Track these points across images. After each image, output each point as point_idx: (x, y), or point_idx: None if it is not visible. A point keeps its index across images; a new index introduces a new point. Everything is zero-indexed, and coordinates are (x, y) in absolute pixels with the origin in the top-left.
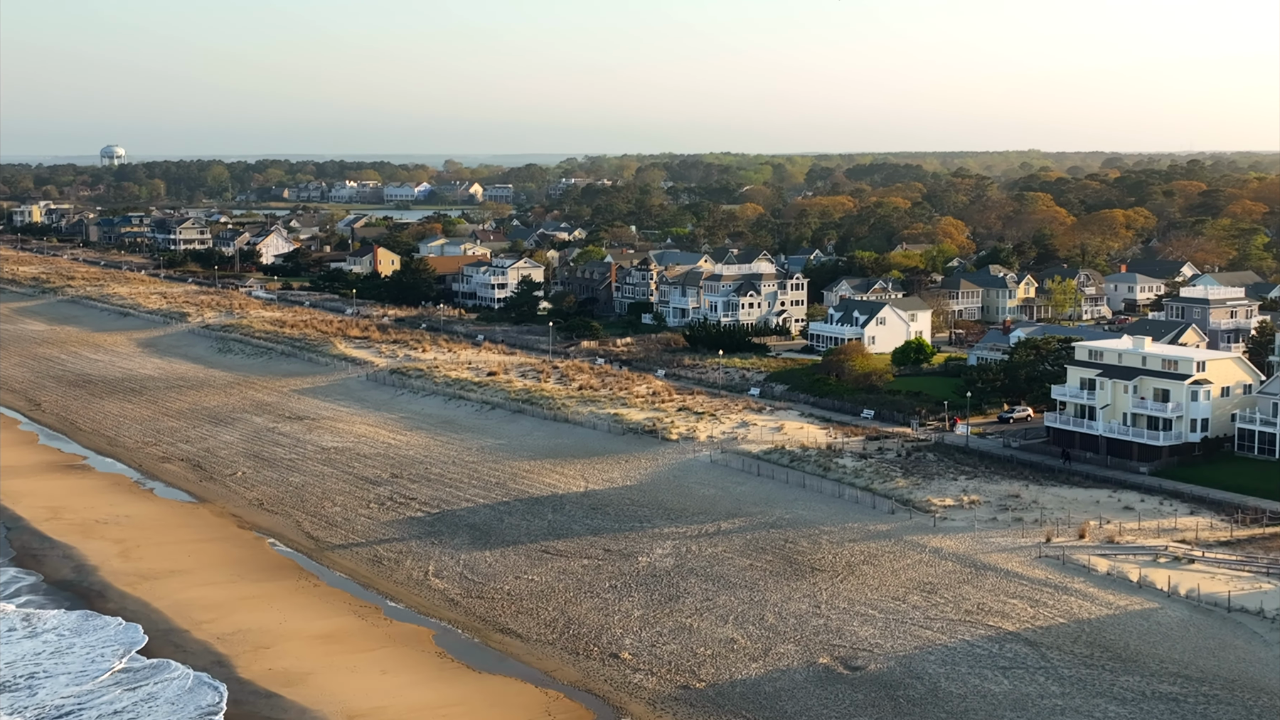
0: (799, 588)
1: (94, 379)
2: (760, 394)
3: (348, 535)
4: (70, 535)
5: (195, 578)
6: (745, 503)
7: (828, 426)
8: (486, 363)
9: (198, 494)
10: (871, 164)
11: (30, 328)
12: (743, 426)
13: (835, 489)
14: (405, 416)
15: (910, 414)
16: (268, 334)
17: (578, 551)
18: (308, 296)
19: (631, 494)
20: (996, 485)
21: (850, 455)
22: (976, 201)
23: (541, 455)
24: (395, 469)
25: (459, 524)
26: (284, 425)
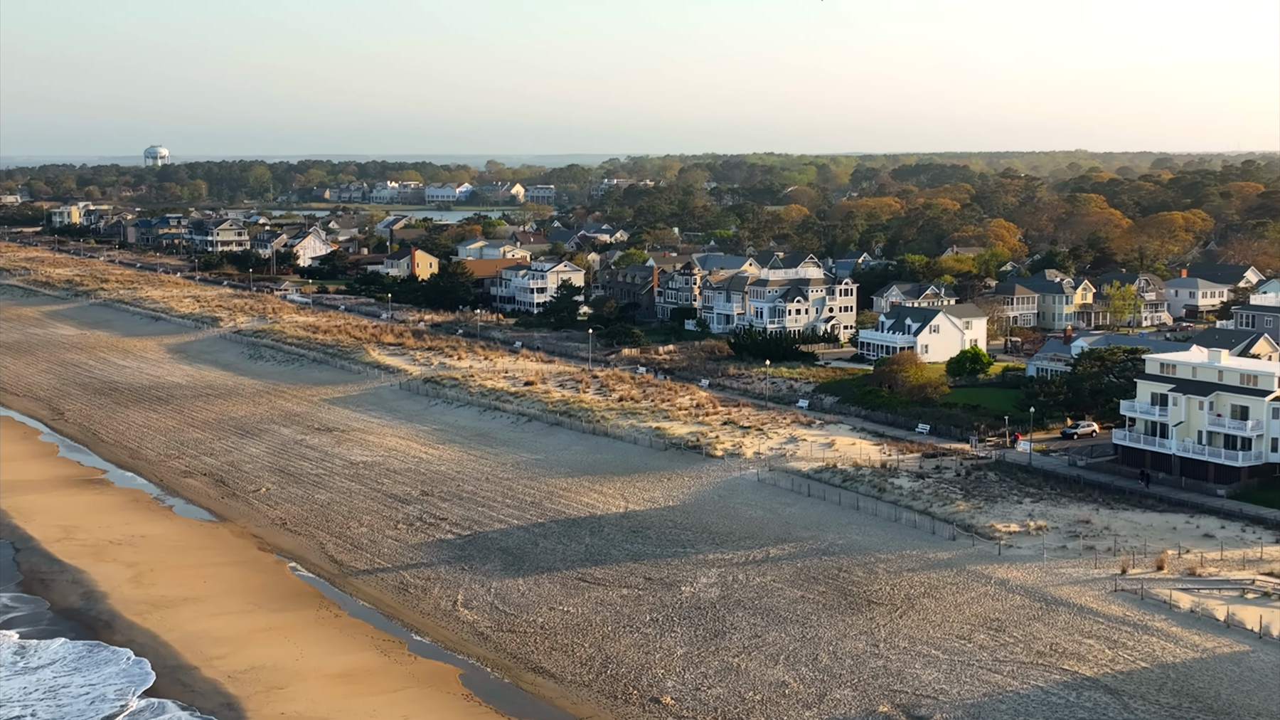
0: (855, 623)
1: (120, 387)
2: (809, 406)
3: (373, 559)
4: (82, 558)
5: (210, 606)
6: (795, 526)
7: (881, 442)
8: (524, 371)
9: (219, 512)
10: (917, 164)
11: (60, 332)
12: (791, 442)
13: (891, 512)
14: (438, 429)
15: (968, 429)
16: (300, 340)
17: (616, 580)
18: (343, 300)
19: (674, 516)
20: (1064, 509)
21: (906, 475)
22: (1027, 203)
23: (579, 472)
24: (426, 486)
25: (491, 548)
26: (312, 437)
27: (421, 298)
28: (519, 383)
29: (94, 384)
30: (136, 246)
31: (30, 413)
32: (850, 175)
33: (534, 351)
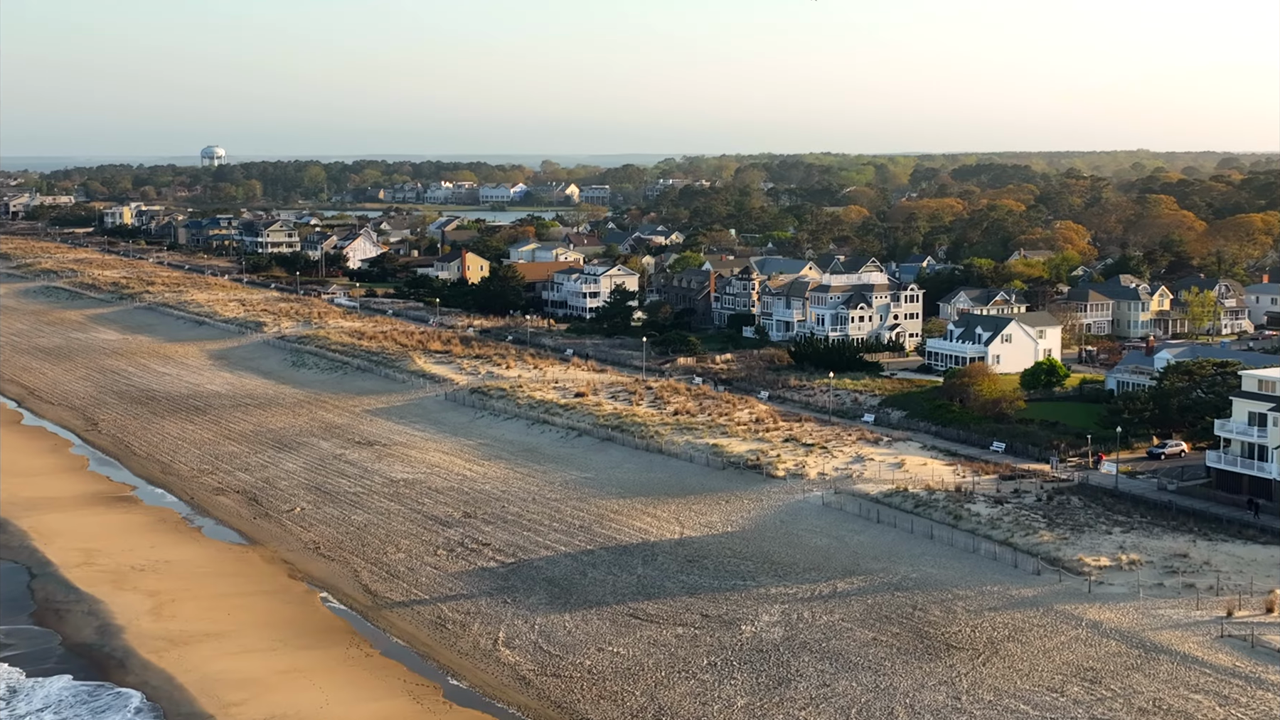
0: (933, 671)
1: (158, 395)
2: (875, 421)
3: (410, 590)
4: (100, 585)
5: (233, 642)
6: (864, 557)
7: (954, 462)
8: (575, 382)
9: (249, 534)
10: (977, 165)
11: (102, 336)
12: (858, 461)
13: (969, 542)
14: (484, 443)
15: (1047, 448)
16: (345, 346)
17: (671, 616)
18: (391, 304)
19: (733, 543)
20: (1158, 540)
21: (983, 499)
22: (1093, 204)
23: (632, 492)
24: (469, 506)
25: (536, 577)
26: (352, 452)
27: (471, 302)
28: (569, 394)
29: (131, 392)
30: (186, 248)
31: (63, 423)
32: (909, 175)
33: (585, 360)
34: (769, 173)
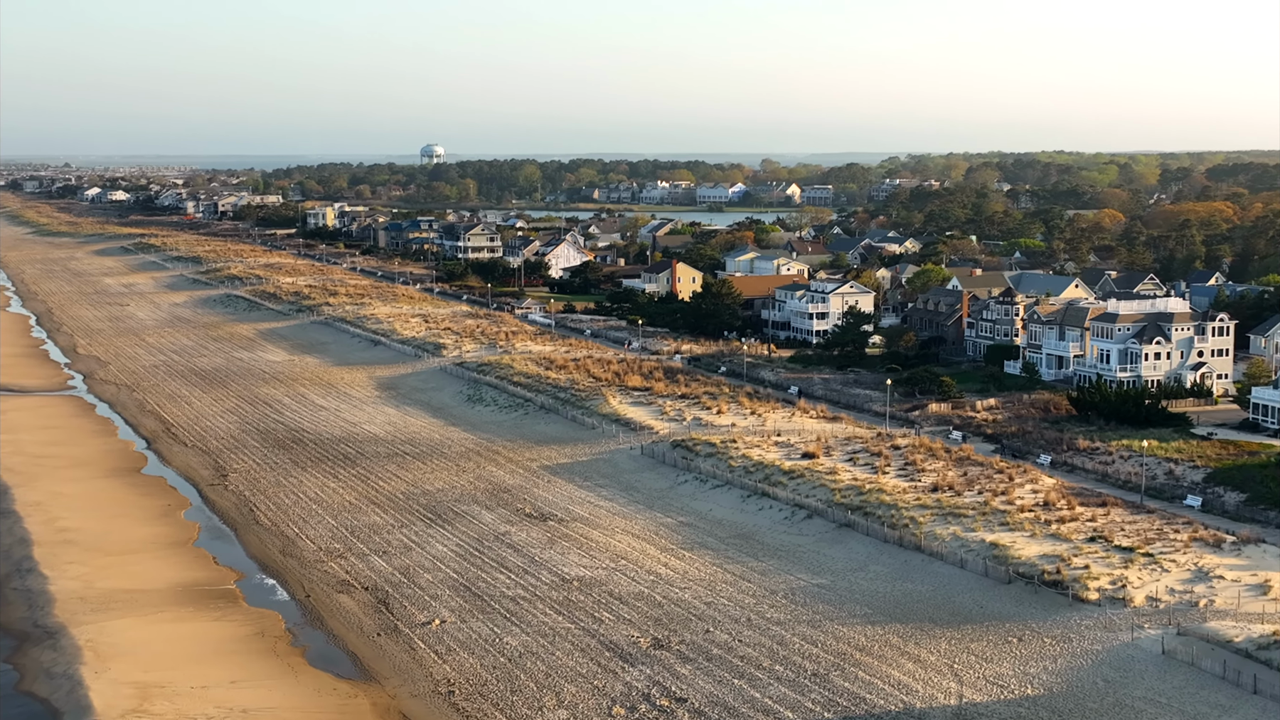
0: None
1: (306, 437)
2: (1203, 506)
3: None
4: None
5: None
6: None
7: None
8: (801, 433)
9: (367, 663)
10: (1232, 165)
11: (267, 357)
12: (1201, 579)
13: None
14: (685, 523)
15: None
16: (530, 379)
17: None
18: (590, 323)
19: (1038, 718)
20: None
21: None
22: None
23: (883, 614)
24: (661, 629)
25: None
26: (519, 529)
27: (680, 321)
28: (796, 453)
29: (278, 432)
30: (384, 251)
31: (189, 473)
32: (1157, 176)
33: (814, 403)
34: (1003, 172)
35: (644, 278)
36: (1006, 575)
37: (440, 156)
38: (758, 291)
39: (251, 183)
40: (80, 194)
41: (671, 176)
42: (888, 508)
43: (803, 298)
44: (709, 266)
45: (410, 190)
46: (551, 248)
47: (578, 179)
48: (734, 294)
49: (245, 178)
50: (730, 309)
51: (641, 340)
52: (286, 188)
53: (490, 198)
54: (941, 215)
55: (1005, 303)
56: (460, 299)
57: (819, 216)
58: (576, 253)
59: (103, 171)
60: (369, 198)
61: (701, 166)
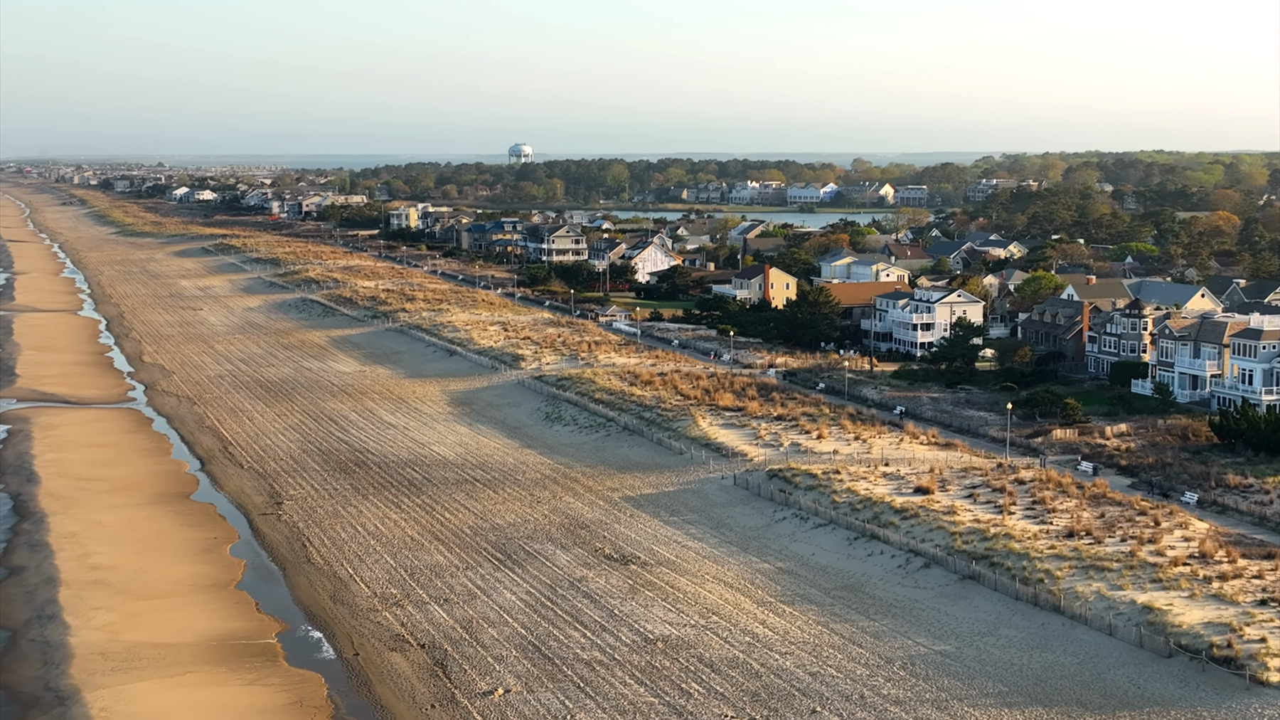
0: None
1: (370, 459)
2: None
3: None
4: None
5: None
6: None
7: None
8: (912, 463)
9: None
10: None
11: (337, 368)
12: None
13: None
14: (785, 569)
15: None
16: (613, 395)
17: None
18: (678, 332)
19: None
20: None
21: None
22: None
23: (1021, 694)
24: (760, 705)
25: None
26: (597, 575)
27: (774, 331)
28: (906, 486)
29: (340, 453)
30: (467, 253)
31: (241, 500)
32: (1266, 176)
33: (923, 426)
34: (1103, 172)
35: (735, 283)
36: (1166, 648)
37: (528, 156)
38: (856, 299)
39: (339, 182)
40: (169, 193)
41: (761, 176)
42: (1018, 557)
43: (906, 307)
44: (803, 271)
45: (497, 190)
46: (638, 251)
47: (666, 179)
48: (832, 303)
49: (333, 177)
50: (828, 319)
51: (732, 352)
52: (373, 188)
53: (577, 198)
54: (1046, 217)
55: (1132, 315)
56: (542, 305)
57: (916, 218)
58: (664, 256)
59: (194, 171)
60: (455, 198)
61: (792, 166)
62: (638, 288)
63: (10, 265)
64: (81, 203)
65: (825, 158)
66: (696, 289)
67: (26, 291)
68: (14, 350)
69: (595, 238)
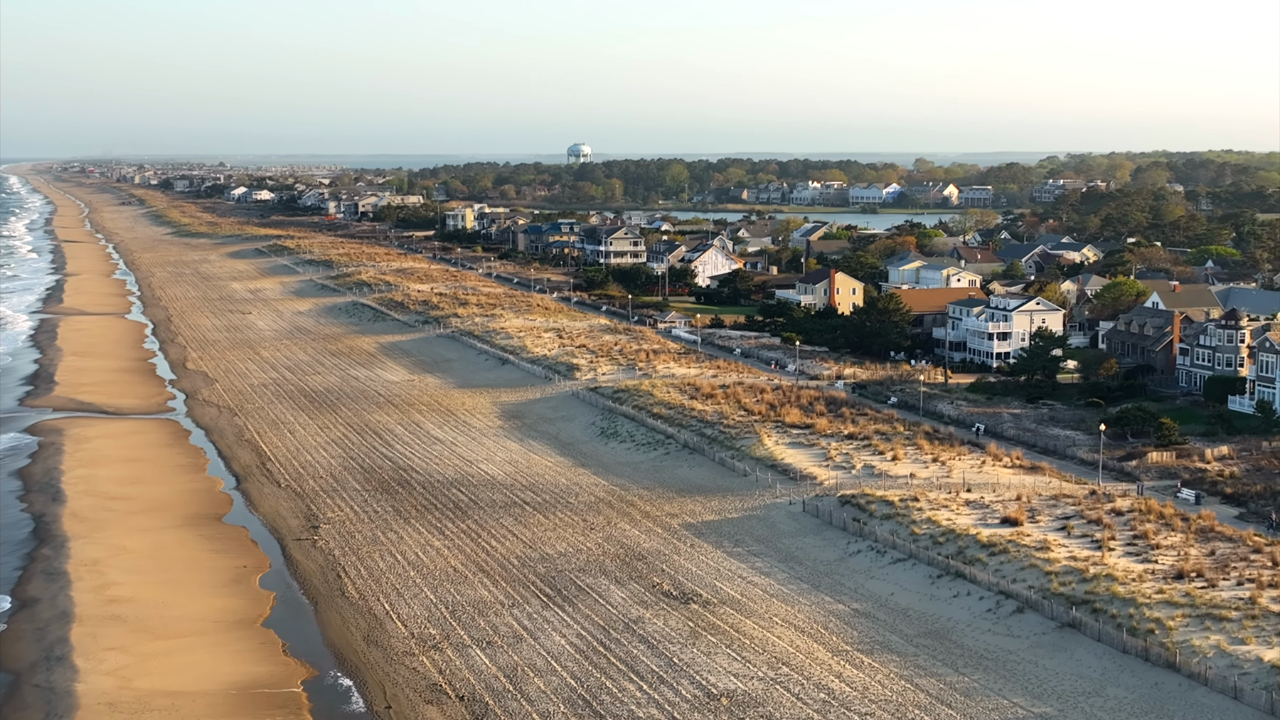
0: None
1: (414, 478)
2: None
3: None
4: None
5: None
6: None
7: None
8: (996, 489)
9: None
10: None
11: (385, 377)
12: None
13: None
14: (861, 611)
15: None
16: (671, 409)
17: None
18: (740, 340)
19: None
20: None
21: None
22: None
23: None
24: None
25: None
26: (655, 615)
27: (840, 340)
28: (992, 516)
29: (384, 470)
30: (523, 256)
31: (275, 523)
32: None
33: (1005, 446)
34: (1173, 173)
35: (799, 288)
36: None
37: (587, 156)
38: (928, 306)
39: (396, 182)
40: (227, 194)
41: (823, 176)
42: (1122, 603)
43: (981, 315)
44: (869, 276)
45: (555, 190)
46: (698, 254)
47: (725, 179)
48: (903, 310)
49: (391, 177)
50: (898, 327)
51: (798, 362)
52: (431, 187)
53: (636, 198)
54: (1120, 219)
55: (1228, 326)
56: (599, 310)
57: (984, 220)
58: (725, 259)
59: (254, 170)
60: (513, 198)
61: (854, 166)
62: (698, 292)
63: (63, 267)
64: (140, 203)
65: (886, 157)
66: (759, 294)
67: (76, 294)
68: (55, 356)
69: (654, 240)
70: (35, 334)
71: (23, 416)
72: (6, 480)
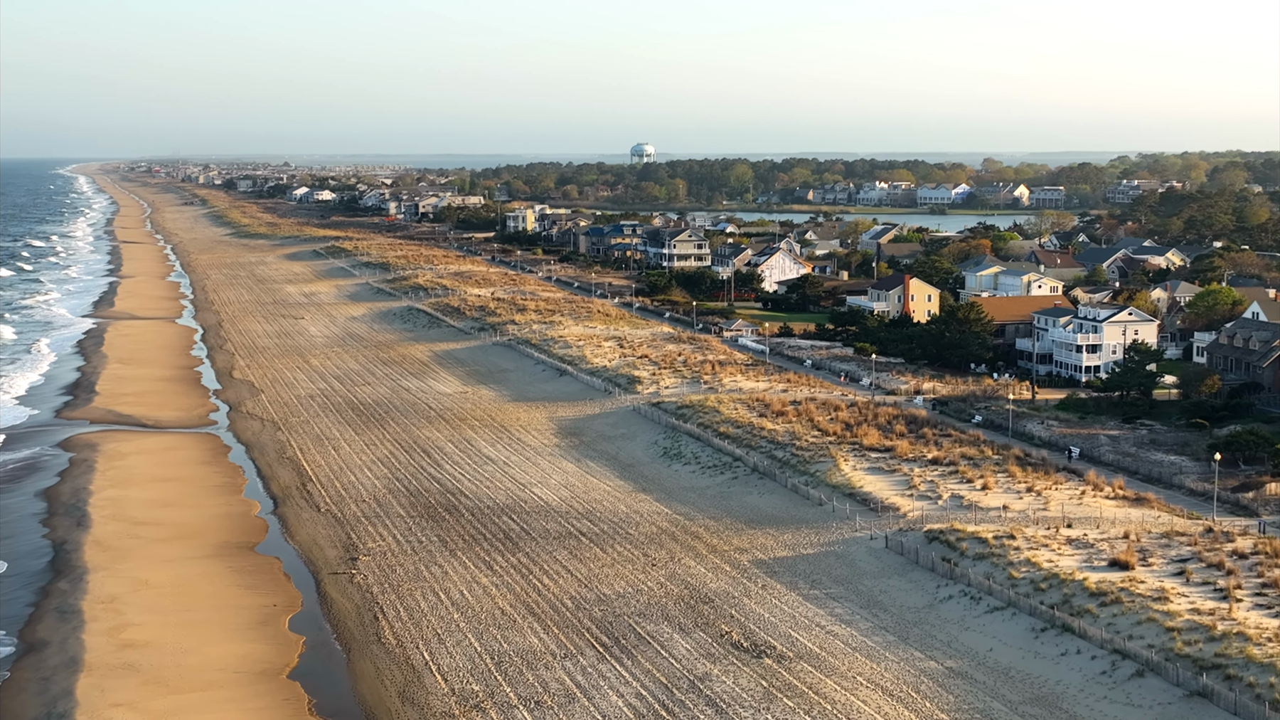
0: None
1: (463, 503)
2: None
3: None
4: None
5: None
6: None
7: None
8: (1100, 523)
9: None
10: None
11: (437, 388)
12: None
13: None
14: (956, 670)
15: None
16: (740, 428)
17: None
18: (810, 350)
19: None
20: None
21: None
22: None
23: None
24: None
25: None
26: (723, 671)
27: (917, 350)
28: (1098, 557)
29: (430, 494)
30: (584, 259)
31: (311, 553)
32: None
33: (1105, 472)
34: (1251, 173)
35: (871, 295)
36: None
37: (650, 156)
38: (1010, 315)
39: (459, 182)
40: (289, 194)
41: (890, 176)
42: (1260, 669)
43: (1069, 326)
44: (945, 282)
45: (618, 191)
46: (765, 258)
47: (791, 179)
48: (985, 320)
49: (454, 177)
50: (980, 338)
51: (873, 375)
52: (493, 188)
53: (700, 199)
54: (1203, 222)
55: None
56: (662, 317)
57: (1060, 222)
58: (793, 264)
59: (317, 170)
60: (575, 198)
61: (921, 166)
62: (764, 297)
63: (119, 268)
64: (202, 202)
65: (953, 157)
66: (829, 300)
67: (128, 297)
68: (99, 364)
69: (719, 242)
70: (82, 340)
71: (58, 429)
72: (32, 502)
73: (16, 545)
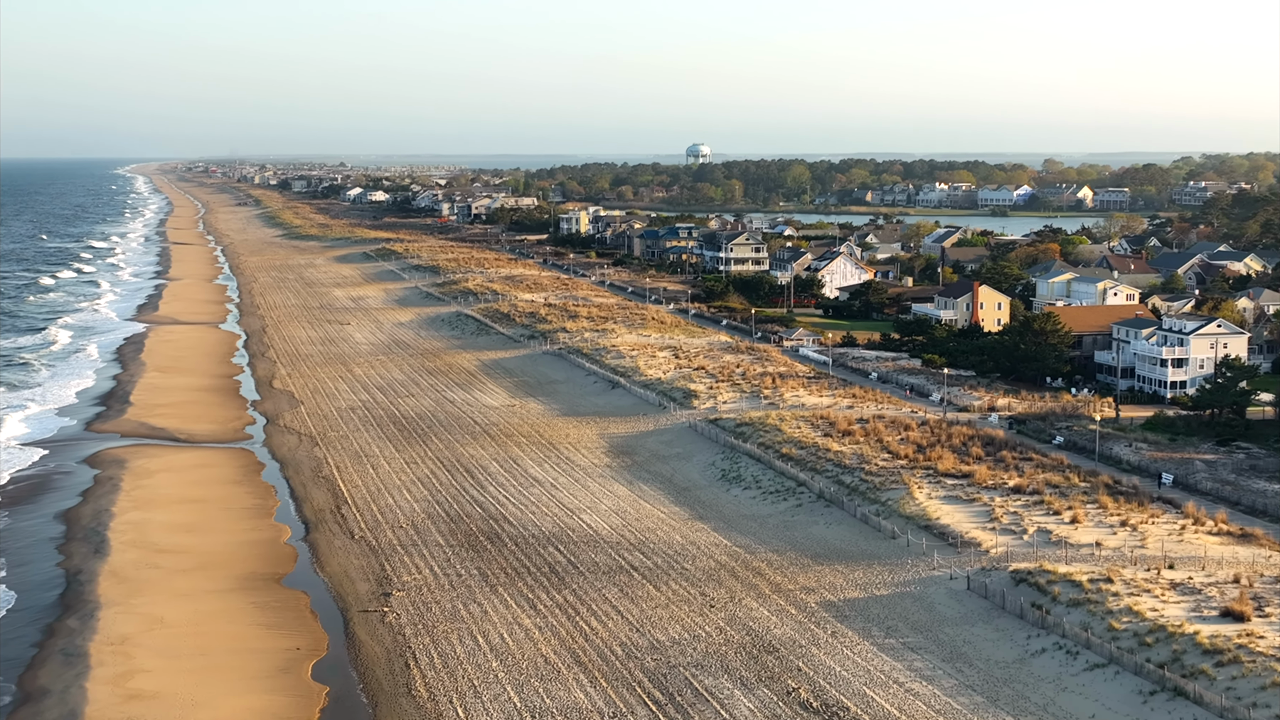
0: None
1: (507, 531)
2: None
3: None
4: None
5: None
6: None
7: None
8: (1205, 563)
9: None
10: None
11: (483, 400)
12: None
13: None
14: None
15: None
16: (803, 449)
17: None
18: (875, 362)
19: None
20: None
21: None
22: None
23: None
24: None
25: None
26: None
27: (989, 363)
28: (1208, 606)
29: (472, 520)
30: (638, 262)
31: (341, 587)
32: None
33: (1203, 503)
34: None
35: (937, 302)
36: None
37: (706, 156)
38: (1087, 326)
39: (513, 183)
40: (343, 194)
41: (950, 177)
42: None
43: (1152, 338)
44: (1013, 289)
45: (673, 192)
46: (825, 262)
47: (849, 180)
48: (1062, 331)
49: (509, 178)
50: (1056, 350)
51: (945, 389)
52: (547, 188)
53: (756, 200)
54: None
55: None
56: (719, 324)
57: (1129, 225)
58: (855, 269)
59: (372, 171)
60: (630, 199)
61: (982, 167)
62: (825, 304)
63: (166, 270)
64: (256, 203)
65: (1013, 158)
66: (892, 308)
67: (173, 301)
68: (136, 372)
69: (777, 246)
70: (122, 346)
71: (86, 443)
72: (50, 524)
73: (29, 574)
